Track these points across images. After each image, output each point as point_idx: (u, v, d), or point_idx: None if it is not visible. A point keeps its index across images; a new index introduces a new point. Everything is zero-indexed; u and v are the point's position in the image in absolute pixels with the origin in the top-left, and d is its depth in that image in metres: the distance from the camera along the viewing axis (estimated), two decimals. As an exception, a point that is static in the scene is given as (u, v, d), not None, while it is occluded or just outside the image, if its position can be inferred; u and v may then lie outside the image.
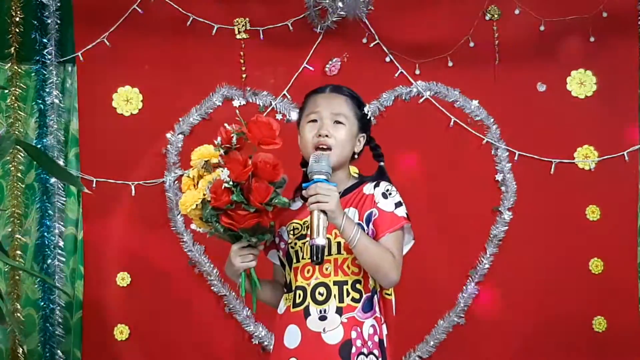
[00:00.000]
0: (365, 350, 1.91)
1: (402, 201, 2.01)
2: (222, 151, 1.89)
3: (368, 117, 2.12)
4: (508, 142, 3.29)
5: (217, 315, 3.23)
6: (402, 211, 1.99)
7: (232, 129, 1.88)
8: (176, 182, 3.23)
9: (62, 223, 3.22)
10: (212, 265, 3.22)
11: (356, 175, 2.12)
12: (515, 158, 3.29)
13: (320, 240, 1.82)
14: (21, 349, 3.12)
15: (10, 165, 3.20)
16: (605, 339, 3.24)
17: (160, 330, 3.21)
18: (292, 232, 2.04)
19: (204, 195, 1.85)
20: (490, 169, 3.30)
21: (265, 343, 3.19)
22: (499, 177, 3.29)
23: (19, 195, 3.20)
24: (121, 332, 3.21)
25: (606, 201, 3.28)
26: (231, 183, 1.81)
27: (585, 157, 3.30)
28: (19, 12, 3.24)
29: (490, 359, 3.24)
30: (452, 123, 3.29)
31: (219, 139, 1.89)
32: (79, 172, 3.24)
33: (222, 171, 1.82)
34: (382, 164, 2.13)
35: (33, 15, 3.24)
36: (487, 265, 3.26)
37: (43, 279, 3.08)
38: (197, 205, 1.86)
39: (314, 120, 2.03)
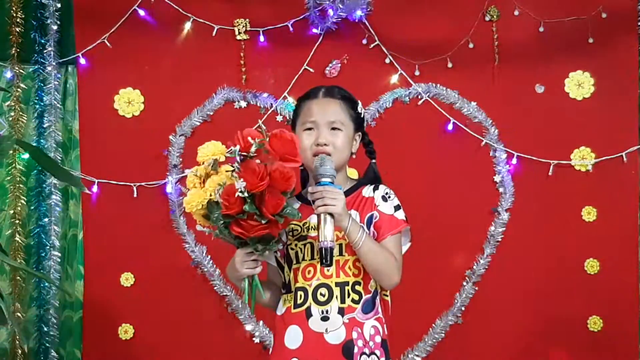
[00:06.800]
0: (367, 351, 1.94)
1: (400, 204, 2.05)
2: (238, 158, 1.86)
3: (362, 116, 2.13)
4: (506, 143, 3.32)
5: (219, 314, 3.26)
6: (401, 214, 2.03)
7: (254, 142, 1.85)
8: (177, 183, 3.26)
9: (59, 224, 3.23)
10: (214, 266, 3.24)
11: (354, 178, 2.15)
12: (514, 159, 3.31)
13: (330, 243, 1.84)
14: (20, 349, 3.14)
15: (12, 167, 3.21)
16: (601, 338, 3.28)
17: (163, 330, 3.24)
18: (290, 234, 2.05)
19: (211, 196, 1.83)
20: (489, 170, 3.32)
21: (267, 342, 3.22)
22: (497, 178, 3.31)
23: (20, 196, 3.21)
24: (125, 331, 3.24)
25: (603, 202, 3.31)
26: (245, 194, 1.80)
27: (582, 158, 3.33)
28: (19, 13, 3.24)
29: (487, 358, 3.28)
30: (451, 124, 3.32)
31: (237, 146, 1.85)
32: (79, 174, 3.25)
33: (237, 180, 1.80)
34: (373, 161, 2.16)
35: (33, 16, 3.25)
36: (484, 266, 3.29)
37: (45, 279, 3.10)
38: (202, 205, 1.85)
39: (310, 128, 2.04)
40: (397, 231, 2.00)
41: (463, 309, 3.29)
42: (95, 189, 3.26)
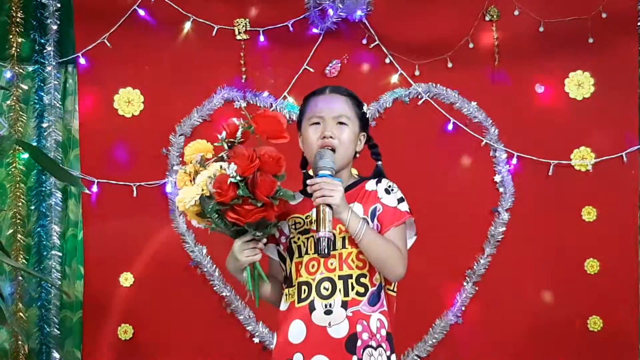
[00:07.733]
0: (373, 343, 1.93)
1: (403, 197, 2.04)
2: (226, 145, 1.88)
3: (367, 117, 2.15)
4: (507, 143, 3.32)
5: (219, 314, 3.25)
6: (405, 206, 2.03)
7: (240, 122, 1.88)
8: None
9: (58, 224, 3.23)
10: (214, 266, 3.24)
11: (356, 176, 2.15)
12: (514, 159, 3.31)
13: (327, 233, 1.84)
14: (22, 349, 3.14)
15: (12, 167, 3.21)
16: (601, 338, 3.28)
17: (163, 330, 3.23)
18: (293, 227, 2.05)
19: (203, 190, 1.83)
20: (489, 170, 3.33)
21: (267, 342, 3.22)
22: (497, 178, 3.32)
23: (20, 196, 3.21)
24: (125, 331, 3.24)
25: (603, 202, 3.31)
26: (238, 178, 1.80)
27: (582, 158, 3.33)
28: (19, 13, 3.25)
29: (487, 358, 3.27)
30: (451, 124, 3.32)
31: (223, 133, 1.88)
32: (79, 173, 3.26)
33: (228, 166, 1.81)
34: (379, 163, 2.16)
35: (33, 16, 3.25)
36: (484, 266, 3.29)
37: (44, 280, 3.10)
38: (195, 201, 1.84)
39: (317, 123, 2.05)
40: (400, 223, 2.00)
41: (463, 309, 3.29)
42: (95, 188, 3.26)
